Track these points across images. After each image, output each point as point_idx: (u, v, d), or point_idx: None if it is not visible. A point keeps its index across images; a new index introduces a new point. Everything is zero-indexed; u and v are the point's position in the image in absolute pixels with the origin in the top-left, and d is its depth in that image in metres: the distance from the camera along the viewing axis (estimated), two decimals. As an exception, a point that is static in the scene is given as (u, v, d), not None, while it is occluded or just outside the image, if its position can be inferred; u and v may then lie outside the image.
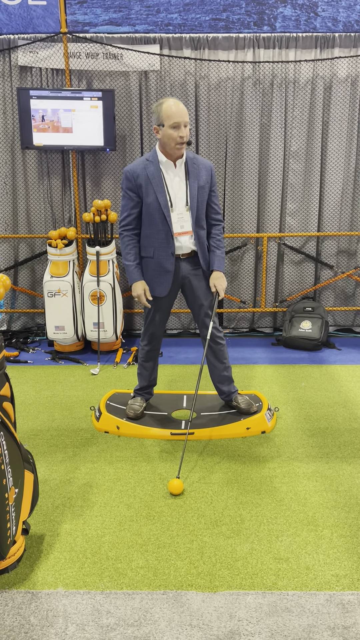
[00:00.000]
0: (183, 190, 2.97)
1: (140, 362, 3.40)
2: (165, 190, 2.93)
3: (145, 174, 2.92)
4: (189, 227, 3.00)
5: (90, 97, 4.45)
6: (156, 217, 2.95)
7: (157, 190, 2.91)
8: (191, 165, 2.98)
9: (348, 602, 2.02)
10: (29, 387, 3.99)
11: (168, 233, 2.96)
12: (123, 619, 1.96)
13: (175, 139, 2.82)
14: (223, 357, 3.28)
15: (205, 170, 3.02)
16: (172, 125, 2.80)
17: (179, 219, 2.97)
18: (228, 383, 3.36)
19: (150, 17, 4.45)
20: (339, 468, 2.88)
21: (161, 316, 3.19)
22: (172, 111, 2.78)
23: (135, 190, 2.94)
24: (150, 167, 2.92)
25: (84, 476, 2.83)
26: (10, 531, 2.09)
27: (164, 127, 2.82)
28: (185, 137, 2.82)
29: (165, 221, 2.95)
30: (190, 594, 2.06)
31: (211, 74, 4.59)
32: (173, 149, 2.86)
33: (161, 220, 2.95)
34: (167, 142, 2.86)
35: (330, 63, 4.56)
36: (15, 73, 4.58)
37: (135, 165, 2.95)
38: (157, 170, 2.92)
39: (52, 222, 4.93)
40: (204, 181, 3.00)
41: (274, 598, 2.04)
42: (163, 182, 2.93)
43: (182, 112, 2.80)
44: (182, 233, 2.99)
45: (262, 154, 4.79)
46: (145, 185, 2.92)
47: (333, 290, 5.09)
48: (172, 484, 2.68)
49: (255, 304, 5.11)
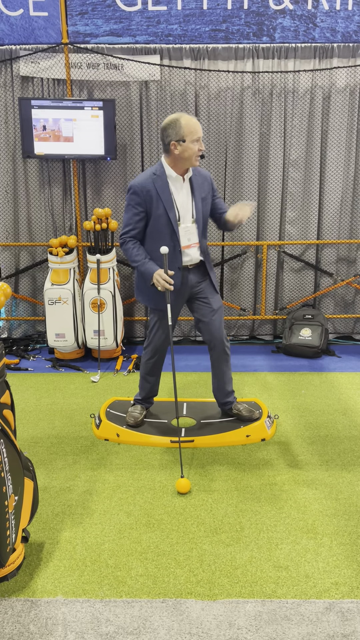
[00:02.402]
0: (189, 203, 3.02)
1: (143, 375, 3.38)
2: (174, 204, 2.97)
3: (154, 188, 2.94)
4: (195, 239, 3.06)
5: (91, 107, 4.49)
6: (164, 231, 2.98)
7: (166, 204, 2.94)
8: (195, 179, 3.04)
9: (347, 610, 2.02)
10: (29, 394, 3.99)
11: (176, 247, 2.99)
12: (122, 627, 1.96)
13: (196, 152, 2.89)
14: (228, 368, 3.30)
15: (206, 182, 3.10)
16: (194, 140, 2.87)
17: (186, 232, 3.02)
18: (230, 393, 3.37)
19: (150, 28, 4.49)
20: (339, 476, 2.88)
21: (166, 328, 3.18)
22: (194, 127, 2.87)
23: (144, 205, 2.96)
24: (159, 182, 2.95)
25: (84, 484, 2.83)
26: (10, 539, 2.09)
27: (186, 142, 2.86)
28: (202, 150, 2.93)
29: (175, 235, 2.98)
30: (189, 602, 2.06)
31: (211, 84, 4.63)
32: (192, 161, 2.92)
33: (169, 235, 2.98)
34: (187, 157, 2.90)
35: (329, 73, 4.60)
36: (17, 83, 4.62)
37: (144, 180, 2.96)
38: (165, 184, 2.95)
39: (53, 230, 4.95)
40: (206, 192, 3.08)
41: (274, 606, 2.04)
42: (171, 196, 2.96)
43: (200, 126, 2.92)
44: (189, 246, 3.05)
45: (262, 163, 4.82)
46: (155, 199, 2.94)
47: (333, 297, 5.11)
48: (179, 483, 2.71)
49: (255, 312, 5.13)
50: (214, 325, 3.15)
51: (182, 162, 2.93)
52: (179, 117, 2.88)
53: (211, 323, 3.15)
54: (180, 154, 2.89)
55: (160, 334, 3.19)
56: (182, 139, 2.85)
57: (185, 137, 2.85)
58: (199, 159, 2.93)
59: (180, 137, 2.86)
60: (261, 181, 4.86)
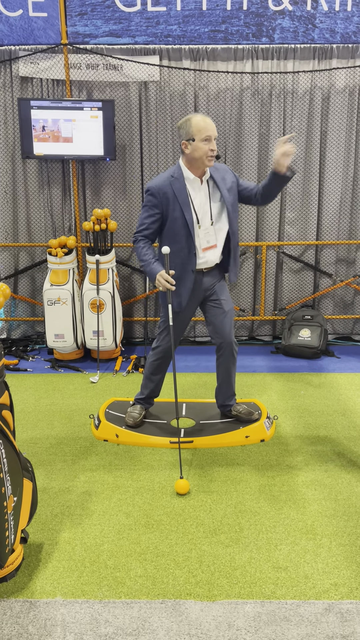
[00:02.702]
0: (207, 204, 3.00)
1: (147, 374, 3.38)
2: (191, 206, 2.95)
3: (172, 190, 2.93)
4: (214, 241, 3.04)
5: (91, 107, 4.49)
6: (181, 233, 2.97)
7: (183, 207, 2.93)
8: (215, 176, 3.01)
9: (347, 611, 2.01)
10: (28, 395, 3.99)
11: (191, 250, 2.99)
12: (121, 628, 1.95)
13: (207, 152, 2.85)
14: (234, 370, 3.30)
15: (227, 173, 3.07)
16: (203, 139, 2.83)
17: (205, 234, 3.01)
18: (232, 396, 3.37)
19: (150, 28, 4.50)
20: (338, 476, 2.88)
21: (177, 331, 3.17)
22: (203, 125, 2.83)
23: (160, 207, 2.95)
24: (176, 184, 2.94)
25: (83, 485, 2.83)
26: (9, 540, 2.09)
27: (195, 141, 2.84)
28: (215, 150, 2.87)
29: (191, 237, 2.97)
30: (188, 603, 2.06)
31: (210, 85, 4.63)
32: (204, 162, 2.89)
33: (186, 237, 2.97)
34: (197, 157, 2.88)
35: (328, 74, 4.61)
36: (16, 83, 4.62)
37: (161, 182, 2.95)
38: (183, 186, 2.94)
39: (52, 231, 4.95)
40: (230, 182, 3.04)
41: (273, 607, 2.03)
42: (189, 198, 2.95)
43: (212, 126, 2.86)
44: (208, 248, 3.03)
45: (261, 164, 4.82)
46: (172, 202, 2.93)
47: (332, 298, 5.11)
48: (178, 484, 2.71)
49: (254, 312, 5.13)
50: (225, 327, 3.14)
51: (195, 162, 2.91)
52: (192, 116, 2.87)
53: (222, 325, 3.14)
54: (191, 153, 2.88)
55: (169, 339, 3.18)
56: (192, 137, 2.84)
57: (195, 136, 2.83)
58: (213, 159, 2.89)
59: (190, 136, 2.85)
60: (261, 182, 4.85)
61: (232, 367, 3.26)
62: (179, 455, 2.93)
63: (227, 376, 3.28)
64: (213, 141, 2.86)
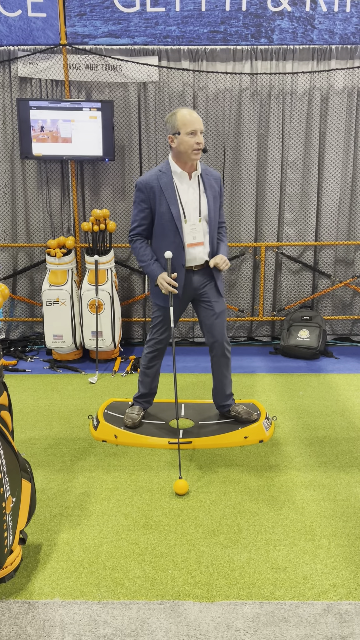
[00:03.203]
0: (197, 201, 2.99)
1: (142, 369, 3.39)
2: (178, 201, 2.94)
3: (159, 184, 2.94)
4: (201, 238, 3.01)
5: (90, 108, 4.49)
6: (168, 228, 2.97)
7: (169, 201, 2.93)
8: (206, 178, 3.02)
9: (345, 611, 2.01)
10: (27, 395, 3.99)
11: (179, 245, 2.97)
12: (120, 629, 1.95)
13: (192, 145, 2.86)
14: (229, 371, 3.30)
15: (216, 182, 3.07)
16: (188, 132, 2.84)
17: (191, 230, 2.99)
18: (229, 396, 3.37)
19: (149, 29, 4.50)
20: (337, 477, 2.88)
21: (168, 325, 3.20)
22: (188, 119, 2.84)
23: (147, 202, 2.96)
24: (164, 178, 2.94)
25: (82, 485, 2.83)
26: (8, 540, 2.08)
27: (180, 134, 2.86)
28: (201, 143, 2.87)
29: (178, 232, 2.96)
30: (187, 603, 2.06)
31: (209, 85, 4.64)
32: (190, 155, 2.89)
33: (173, 232, 2.96)
34: (183, 150, 2.88)
35: (327, 75, 4.61)
36: (15, 84, 4.62)
37: (148, 177, 2.97)
38: (170, 181, 2.95)
39: (51, 231, 4.95)
40: (216, 191, 3.05)
41: (272, 608, 2.03)
42: (176, 193, 2.95)
43: (197, 120, 2.86)
44: (194, 244, 3.00)
45: (260, 164, 4.83)
46: (158, 196, 2.94)
47: (331, 299, 5.11)
48: (177, 484, 2.71)
49: (253, 313, 5.13)
50: (216, 328, 3.15)
51: (182, 156, 2.92)
52: (177, 111, 2.89)
53: (213, 326, 3.15)
54: (177, 147, 2.90)
55: (162, 330, 3.21)
56: (178, 131, 2.86)
57: (180, 129, 2.85)
58: (199, 152, 2.89)
59: (176, 130, 2.87)
60: (259, 183, 4.86)
61: (226, 368, 3.26)
62: (178, 455, 2.92)
63: (221, 376, 3.29)
64: (199, 134, 2.86)
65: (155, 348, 3.28)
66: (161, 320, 3.19)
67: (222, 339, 3.17)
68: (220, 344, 3.18)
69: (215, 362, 3.25)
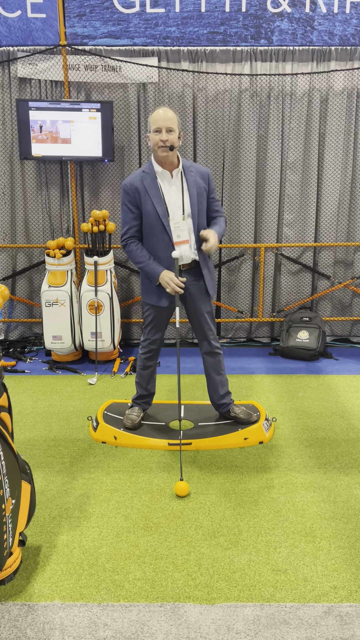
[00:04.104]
0: (180, 199, 2.98)
1: (138, 370, 3.39)
2: (162, 199, 2.95)
3: (142, 185, 2.95)
4: (186, 236, 2.98)
5: (89, 109, 4.49)
6: (155, 227, 2.97)
7: (154, 200, 2.94)
8: (188, 174, 3.01)
9: (346, 613, 2.01)
10: (26, 397, 3.98)
11: (169, 243, 2.97)
12: (120, 631, 1.94)
13: (157, 142, 2.87)
14: (220, 369, 3.30)
15: (202, 177, 3.04)
16: (154, 130, 2.87)
17: (175, 227, 2.97)
18: (225, 395, 3.37)
19: (148, 30, 4.49)
20: (337, 479, 2.88)
21: (161, 325, 3.21)
22: (154, 117, 2.86)
23: (134, 203, 2.97)
24: (147, 178, 2.96)
25: (81, 487, 2.82)
26: (7, 543, 2.08)
27: (150, 132, 2.90)
28: (167, 140, 2.84)
29: (165, 230, 2.96)
30: (187, 606, 2.05)
31: (209, 86, 4.63)
32: (157, 152, 2.91)
33: (160, 230, 2.96)
34: (152, 148, 2.92)
35: (327, 76, 4.61)
36: (14, 84, 4.62)
37: (133, 178, 2.99)
38: (154, 180, 2.96)
39: (50, 232, 4.94)
40: (201, 188, 3.03)
41: (272, 610, 2.03)
42: (160, 191, 2.95)
43: (165, 117, 2.84)
44: (179, 242, 2.98)
45: (260, 165, 4.83)
46: (143, 196, 2.95)
47: (330, 300, 5.11)
48: (178, 486, 2.70)
49: (252, 314, 5.13)
50: (202, 327, 3.19)
51: (155, 153, 2.94)
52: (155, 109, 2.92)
53: (199, 325, 3.19)
54: (150, 145, 2.94)
55: (155, 330, 3.22)
56: (149, 130, 2.90)
57: (150, 127, 2.89)
58: (165, 149, 2.86)
59: (148, 129, 2.91)
60: (259, 184, 4.86)
61: (216, 365, 3.27)
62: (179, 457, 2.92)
63: (212, 374, 3.31)
64: (165, 132, 2.84)
65: (149, 349, 3.28)
66: (152, 319, 3.19)
67: (208, 338, 3.20)
68: (208, 342, 3.22)
69: (205, 360, 3.29)
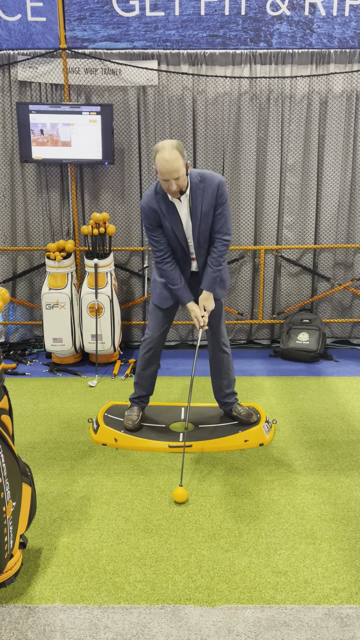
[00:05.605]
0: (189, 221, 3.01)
1: (138, 370, 3.41)
2: (179, 222, 2.98)
3: (159, 207, 2.96)
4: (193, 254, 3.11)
5: (89, 112, 4.50)
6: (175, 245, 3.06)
7: (172, 223, 2.97)
8: (195, 197, 2.93)
9: (347, 615, 2.01)
10: (26, 399, 3.98)
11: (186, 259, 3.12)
12: (121, 633, 1.95)
13: (167, 189, 2.85)
14: (225, 368, 3.34)
15: (212, 193, 2.93)
16: (163, 180, 2.81)
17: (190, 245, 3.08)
18: (228, 394, 3.39)
19: (148, 33, 4.51)
20: (337, 480, 2.88)
21: (164, 325, 3.27)
22: (160, 167, 2.75)
23: (155, 223, 3.00)
24: (162, 202, 2.95)
25: (82, 489, 2.82)
26: (8, 545, 2.08)
27: (159, 175, 2.82)
28: (175, 190, 2.81)
29: (183, 249, 3.06)
30: (188, 608, 2.05)
31: (208, 89, 4.65)
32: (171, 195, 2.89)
33: (180, 249, 3.07)
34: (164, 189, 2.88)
35: (326, 79, 4.62)
36: (14, 88, 4.63)
37: (149, 201, 2.97)
38: (168, 203, 2.95)
39: (50, 235, 4.95)
40: (208, 206, 2.94)
41: (273, 612, 2.03)
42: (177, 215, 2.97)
43: (170, 170, 2.72)
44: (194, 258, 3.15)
45: (259, 168, 4.84)
46: (162, 217, 2.98)
47: (330, 302, 5.12)
48: (176, 492, 2.69)
49: (252, 316, 5.13)
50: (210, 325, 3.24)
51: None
52: (158, 149, 2.77)
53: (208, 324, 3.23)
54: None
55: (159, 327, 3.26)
56: (156, 172, 2.83)
57: (157, 171, 2.81)
58: (174, 195, 2.85)
59: (154, 165, 2.82)
60: (259, 186, 4.87)
61: (224, 363, 3.32)
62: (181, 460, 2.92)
63: (218, 370, 3.35)
64: (173, 181, 2.77)
65: (150, 347, 3.31)
66: (155, 317, 3.25)
67: (217, 336, 3.26)
68: (216, 340, 3.28)
69: (212, 356, 3.34)
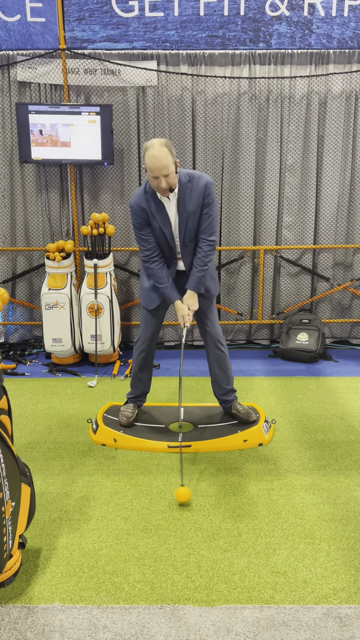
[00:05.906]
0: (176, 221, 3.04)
1: (134, 371, 3.44)
2: (168, 220, 3.01)
3: (148, 207, 2.98)
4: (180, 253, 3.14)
5: (89, 112, 4.50)
6: (162, 244, 3.08)
7: (160, 222, 2.99)
8: (182, 193, 2.95)
9: (345, 615, 2.01)
10: (26, 399, 3.98)
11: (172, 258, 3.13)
12: (120, 634, 1.95)
13: (157, 187, 2.86)
14: (222, 364, 3.34)
15: (199, 193, 2.94)
16: (152, 176, 2.83)
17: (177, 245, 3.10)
18: (228, 392, 3.40)
19: (147, 34, 4.51)
20: (336, 480, 2.88)
21: (154, 326, 3.29)
22: (149, 164, 2.78)
23: (144, 222, 3.02)
24: (151, 201, 2.97)
25: (81, 489, 2.82)
26: (7, 545, 2.08)
27: (147, 173, 2.85)
28: (164, 188, 2.83)
29: (170, 247, 3.08)
30: (187, 608, 2.05)
31: (208, 90, 4.65)
32: (160, 193, 2.91)
33: (166, 247, 3.08)
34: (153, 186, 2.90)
35: (325, 79, 4.63)
36: (14, 88, 4.63)
37: (139, 199, 2.99)
38: (159, 202, 2.97)
39: (50, 235, 4.95)
40: (195, 205, 2.96)
41: (272, 612, 2.03)
42: (165, 214, 2.99)
43: (159, 166, 2.75)
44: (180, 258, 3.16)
45: (259, 168, 4.84)
46: (150, 216, 3.00)
47: (329, 302, 5.12)
48: (179, 492, 2.68)
49: (252, 316, 5.13)
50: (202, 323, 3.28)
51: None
52: (147, 147, 2.80)
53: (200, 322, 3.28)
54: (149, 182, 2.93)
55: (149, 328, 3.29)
56: (146, 170, 2.85)
57: (146, 168, 2.84)
58: (163, 193, 2.88)
59: (144, 164, 2.85)
60: (258, 186, 4.88)
61: (220, 360, 3.31)
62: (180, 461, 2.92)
63: (216, 368, 3.34)
64: (162, 178, 2.79)
65: (143, 347, 3.34)
66: (145, 318, 3.29)
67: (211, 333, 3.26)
68: (210, 337, 3.27)
69: (209, 354, 3.34)
